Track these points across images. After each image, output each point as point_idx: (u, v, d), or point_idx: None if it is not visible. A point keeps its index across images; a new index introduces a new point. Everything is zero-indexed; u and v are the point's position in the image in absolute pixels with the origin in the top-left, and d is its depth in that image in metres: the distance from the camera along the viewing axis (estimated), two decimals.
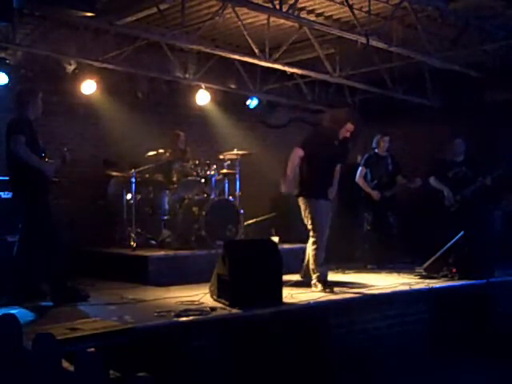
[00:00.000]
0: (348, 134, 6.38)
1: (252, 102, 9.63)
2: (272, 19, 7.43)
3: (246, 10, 7.10)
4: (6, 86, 7.38)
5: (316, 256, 6.12)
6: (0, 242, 6.13)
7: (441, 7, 6.98)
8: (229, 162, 8.14)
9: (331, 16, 7.57)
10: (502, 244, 7.73)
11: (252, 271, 5.16)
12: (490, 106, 8.96)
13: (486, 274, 6.65)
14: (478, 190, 7.81)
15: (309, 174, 6.22)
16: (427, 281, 6.62)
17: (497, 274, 6.84)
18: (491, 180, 7.69)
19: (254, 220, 8.55)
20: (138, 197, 7.79)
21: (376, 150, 8.22)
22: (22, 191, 5.40)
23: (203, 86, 9.16)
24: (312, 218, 6.15)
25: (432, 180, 8.13)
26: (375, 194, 7.99)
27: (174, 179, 7.79)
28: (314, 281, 6.10)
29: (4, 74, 7.38)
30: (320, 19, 7.52)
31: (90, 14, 6.20)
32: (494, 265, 6.95)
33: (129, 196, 7.71)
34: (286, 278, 5.72)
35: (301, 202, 6.25)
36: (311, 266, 6.16)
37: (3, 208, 6.31)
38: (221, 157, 8.21)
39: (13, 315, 3.14)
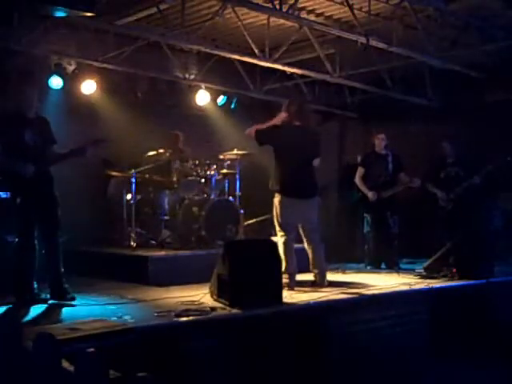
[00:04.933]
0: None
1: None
2: (272, 19, 7.43)
3: (246, 10, 7.10)
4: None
5: None
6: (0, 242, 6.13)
7: (441, 7, 6.99)
8: (229, 161, 8.15)
9: (331, 16, 7.58)
10: (501, 243, 7.74)
11: (252, 271, 5.16)
12: (490, 106, 8.96)
13: (485, 274, 6.65)
14: (471, 188, 7.84)
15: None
16: (427, 281, 6.62)
17: (497, 273, 6.84)
18: (480, 179, 7.74)
19: (254, 220, 8.55)
20: (138, 197, 7.80)
21: (374, 149, 8.21)
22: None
23: (203, 85, 9.18)
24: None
25: (428, 185, 8.18)
26: (371, 195, 7.94)
27: (174, 179, 7.80)
28: None
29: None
30: (320, 19, 7.53)
31: (89, 14, 6.19)
32: (494, 264, 6.95)
33: (129, 196, 7.71)
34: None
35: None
36: None
37: (3, 208, 6.30)
38: (221, 157, 8.21)
39: (13, 315, 3.14)
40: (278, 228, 6.29)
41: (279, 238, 6.23)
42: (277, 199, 6.26)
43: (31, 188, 5.29)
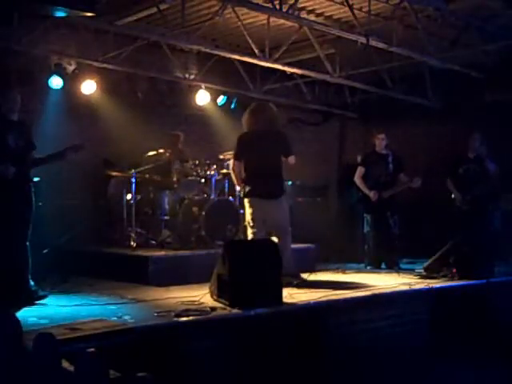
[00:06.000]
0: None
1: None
2: (272, 19, 7.44)
3: (246, 10, 7.11)
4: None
5: None
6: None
7: (441, 7, 7.00)
8: (229, 161, 8.14)
9: (331, 16, 7.58)
10: (501, 243, 7.74)
11: (252, 271, 5.15)
12: (490, 106, 8.96)
13: (486, 274, 6.65)
14: (489, 190, 7.83)
15: None
16: (427, 281, 6.61)
17: (497, 273, 6.85)
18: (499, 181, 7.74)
19: None
20: (138, 197, 7.79)
21: (375, 149, 8.20)
22: None
23: (203, 86, 9.19)
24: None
25: (447, 182, 8.10)
26: (372, 195, 7.94)
27: (174, 179, 7.80)
28: None
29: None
30: (320, 19, 7.54)
31: (89, 14, 6.20)
32: (494, 265, 6.95)
33: (129, 196, 7.71)
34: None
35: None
36: None
37: None
38: (221, 157, 8.21)
39: (13, 315, 3.14)
40: (248, 222, 6.41)
41: (249, 233, 6.39)
42: (246, 201, 6.43)
43: (13, 189, 5.28)
